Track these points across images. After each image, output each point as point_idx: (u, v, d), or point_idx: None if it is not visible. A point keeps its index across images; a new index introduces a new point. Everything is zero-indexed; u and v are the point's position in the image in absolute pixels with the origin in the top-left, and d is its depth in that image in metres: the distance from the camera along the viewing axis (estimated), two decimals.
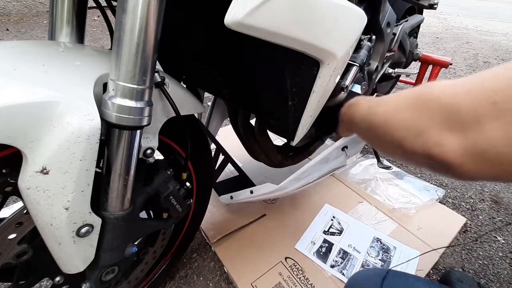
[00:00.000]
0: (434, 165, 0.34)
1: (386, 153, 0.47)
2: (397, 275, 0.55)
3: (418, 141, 0.35)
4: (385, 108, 0.42)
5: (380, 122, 0.43)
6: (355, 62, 0.66)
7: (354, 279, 0.57)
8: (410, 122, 0.36)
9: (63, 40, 0.50)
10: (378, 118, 0.43)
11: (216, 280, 0.85)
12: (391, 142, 0.40)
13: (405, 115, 0.37)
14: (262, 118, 0.74)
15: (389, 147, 0.43)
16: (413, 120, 0.36)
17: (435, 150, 0.32)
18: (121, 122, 0.38)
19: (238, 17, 0.35)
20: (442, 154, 0.32)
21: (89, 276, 0.47)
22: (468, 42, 3.70)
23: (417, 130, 0.35)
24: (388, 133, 0.40)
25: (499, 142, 0.27)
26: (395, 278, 0.53)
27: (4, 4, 3.17)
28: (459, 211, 1.12)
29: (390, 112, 0.41)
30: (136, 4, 0.34)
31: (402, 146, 0.38)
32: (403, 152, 0.39)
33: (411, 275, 0.58)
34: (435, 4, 1.29)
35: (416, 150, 0.35)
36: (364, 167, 1.28)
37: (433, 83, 0.36)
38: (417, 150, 0.35)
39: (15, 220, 0.41)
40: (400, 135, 0.38)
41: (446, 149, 0.31)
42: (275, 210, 1.05)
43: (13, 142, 0.32)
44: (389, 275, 0.53)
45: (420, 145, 0.34)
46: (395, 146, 0.40)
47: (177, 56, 0.69)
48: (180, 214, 0.58)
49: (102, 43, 2.72)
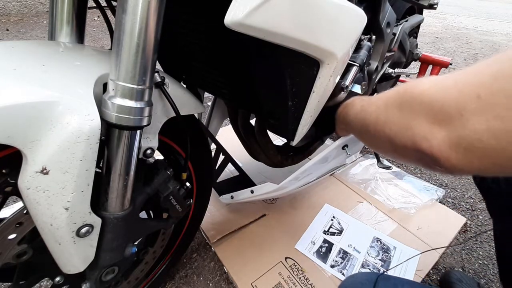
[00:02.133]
0: (424, 159, 0.34)
1: (380, 151, 0.47)
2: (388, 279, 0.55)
3: (407, 135, 0.35)
4: (375, 106, 0.43)
5: (371, 120, 0.43)
6: (355, 62, 0.66)
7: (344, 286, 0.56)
8: (399, 118, 0.37)
9: (63, 40, 0.50)
10: (370, 116, 0.44)
11: (216, 280, 0.85)
12: (383, 139, 0.41)
13: (394, 112, 0.38)
14: (262, 118, 0.74)
15: (381, 144, 0.43)
16: (401, 115, 0.36)
17: (423, 144, 0.33)
18: (121, 122, 0.37)
19: (238, 17, 0.35)
20: (429, 147, 0.32)
21: (89, 276, 0.47)
22: (468, 42, 3.70)
23: (406, 125, 0.35)
24: (379, 130, 0.41)
25: (484, 136, 0.27)
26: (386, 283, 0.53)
27: (4, 4, 3.17)
28: (459, 211, 1.13)
29: (380, 110, 0.41)
30: (136, 4, 0.34)
31: (392, 141, 0.38)
32: (394, 148, 0.39)
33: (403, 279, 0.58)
34: (435, 4, 1.29)
35: (406, 144, 0.36)
36: (364, 167, 1.28)
37: (419, 79, 0.36)
38: (407, 144, 0.35)
39: (15, 220, 0.41)
40: (390, 131, 0.38)
41: (433, 143, 0.31)
42: (275, 210, 1.05)
43: (13, 142, 0.32)
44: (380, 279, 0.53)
45: (409, 139, 0.35)
46: (387, 143, 0.40)
47: (177, 56, 0.69)
48: (180, 214, 0.58)
49: (102, 43, 2.72)
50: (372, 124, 0.43)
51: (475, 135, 0.28)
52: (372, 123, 0.43)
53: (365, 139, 0.51)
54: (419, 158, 0.35)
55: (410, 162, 0.39)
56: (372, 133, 0.44)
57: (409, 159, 0.39)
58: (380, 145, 0.44)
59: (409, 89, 0.36)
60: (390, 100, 0.40)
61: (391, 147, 0.40)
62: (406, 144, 0.36)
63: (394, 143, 0.38)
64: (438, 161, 0.31)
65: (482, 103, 0.27)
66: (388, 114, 0.39)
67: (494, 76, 0.27)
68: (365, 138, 0.50)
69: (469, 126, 0.28)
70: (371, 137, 0.45)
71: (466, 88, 0.29)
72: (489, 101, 0.27)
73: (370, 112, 0.44)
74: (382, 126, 0.40)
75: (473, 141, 0.28)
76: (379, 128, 0.41)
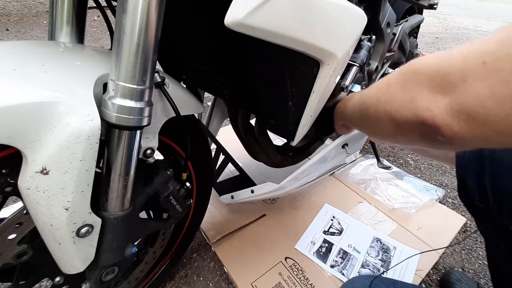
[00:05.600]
0: (426, 131, 0.33)
1: (379, 135, 0.46)
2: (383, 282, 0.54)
3: (410, 108, 0.34)
4: (376, 88, 0.43)
5: (372, 102, 0.43)
6: (355, 62, 0.66)
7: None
8: (401, 93, 0.36)
9: (63, 40, 0.50)
10: (370, 99, 0.44)
11: (216, 280, 0.85)
12: (383, 119, 0.40)
13: (396, 89, 0.37)
14: (262, 118, 0.74)
15: (381, 126, 0.42)
16: (404, 91, 0.36)
17: (425, 114, 0.32)
18: (121, 122, 0.37)
19: (238, 18, 0.35)
20: (432, 117, 0.31)
21: (89, 276, 0.47)
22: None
23: (408, 98, 0.35)
24: (379, 110, 0.40)
25: (488, 102, 0.26)
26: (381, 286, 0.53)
27: (4, 4, 3.17)
28: (459, 211, 1.13)
29: (381, 90, 0.41)
30: (136, 4, 0.34)
31: (394, 118, 0.38)
32: (395, 125, 0.38)
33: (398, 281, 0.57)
34: (435, 4, 1.29)
35: (408, 118, 0.35)
36: (364, 167, 1.28)
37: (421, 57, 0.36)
38: (409, 118, 0.35)
39: (15, 220, 0.41)
40: (391, 108, 0.38)
41: (436, 112, 0.31)
42: (275, 210, 1.05)
43: (13, 142, 0.32)
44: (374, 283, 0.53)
45: (411, 111, 0.34)
46: (387, 122, 0.39)
47: (177, 56, 0.69)
48: (180, 214, 0.58)
49: (102, 43, 2.72)
50: (372, 106, 0.42)
51: (477, 101, 0.27)
52: (373, 104, 0.42)
53: (364, 126, 0.50)
54: (420, 131, 0.34)
55: (411, 141, 0.38)
56: (371, 115, 0.43)
57: (410, 136, 0.38)
58: (379, 127, 0.43)
59: (413, 64, 0.36)
60: (392, 80, 0.39)
61: (391, 126, 0.39)
62: (407, 118, 0.35)
63: (395, 120, 0.37)
64: (440, 130, 0.31)
65: (487, 68, 0.27)
66: (390, 92, 0.38)
67: (500, 43, 0.27)
68: (364, 124, 0.49)
69: (471, 92, 0.27)
70: (371, 121, 0.44)
71: (471, 55, 0.29)
72: (494, 66, 0.26)
73: (371, 95, 0.44)
74: (383, 104, 0.39)
75: (475, 107, 0.27)
76: (379, 108, 0.40)
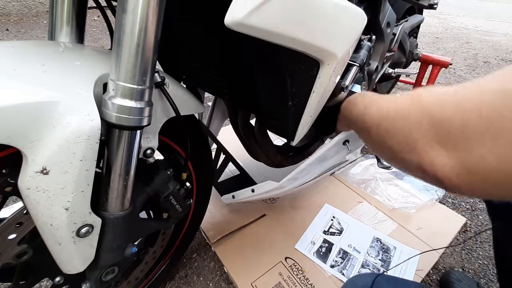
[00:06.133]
0: (425, 176, 0.35)
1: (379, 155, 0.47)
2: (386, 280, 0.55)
3: (411, 153, 0.35)
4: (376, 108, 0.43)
5: (373, 123, 0.43)
6: (355, 62, 0.66)
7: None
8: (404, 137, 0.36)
9: (63, 40, 0.50)
10: (371, 119, 0.44)
11: (216, 280, 0.85)
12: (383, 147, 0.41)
13: (397, 124, 0.38)
14: (262, 118, 0.74)
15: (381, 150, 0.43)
16: (404, 133, 0.36)
17: (427, 167, 0.33)
18: (121, 122, 0.37)
19: (238, 17, 0.35)
20: (433, 170, 0.32)
21: (89, 276, 0.47)
22: (468, 42, 3.70)
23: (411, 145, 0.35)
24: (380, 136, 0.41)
25: (489, 160, 0.27)
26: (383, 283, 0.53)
27: (4, 4, 3.17)
28: (459, 211, 1.13)
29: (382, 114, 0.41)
30: (136, 4, 0.34)
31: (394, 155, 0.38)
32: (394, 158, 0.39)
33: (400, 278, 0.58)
34: (435, 4, 1.29)
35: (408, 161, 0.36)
36: (364, 167, 1.28)
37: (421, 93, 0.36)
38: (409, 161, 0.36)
39: (15, 220, 0.41)
40: (392, 144, 0.38)
41: (438, 166, 0.32)
42: (275, 210, 1.05)
43: (13, 142, 0.32)
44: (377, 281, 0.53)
45: (412, 157, 0.35)
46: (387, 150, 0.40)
47: (177, 56, 0.69)
48: (180, 214, 0.58)
49: (102, 43, 2.72)
50: (374, 128, 0.42)
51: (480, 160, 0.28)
52: (374, 126, 0.42)
53: (366, 141, 0.50)
54: (420, 173, 0.35)
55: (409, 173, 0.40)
56: (373, 137, 0.43)
57: (409, 172, 0.39)
58: (380, 150, 0.43)
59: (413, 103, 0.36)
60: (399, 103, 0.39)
61: (391, 156, 0.40)
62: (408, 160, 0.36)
63: (395, 157, 0.38)
64: (441, 181, 0.32)
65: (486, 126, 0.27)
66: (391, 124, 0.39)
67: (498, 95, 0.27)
68: (367, 140, 0.49)
69: (474, 151, 0.28)
70: (372, 140, 0.45)
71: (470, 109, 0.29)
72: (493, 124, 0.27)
73: (372, 114, 0.44)
74: (385, 134, 0.39)
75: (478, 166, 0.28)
76: (380, 134, 0.41)
